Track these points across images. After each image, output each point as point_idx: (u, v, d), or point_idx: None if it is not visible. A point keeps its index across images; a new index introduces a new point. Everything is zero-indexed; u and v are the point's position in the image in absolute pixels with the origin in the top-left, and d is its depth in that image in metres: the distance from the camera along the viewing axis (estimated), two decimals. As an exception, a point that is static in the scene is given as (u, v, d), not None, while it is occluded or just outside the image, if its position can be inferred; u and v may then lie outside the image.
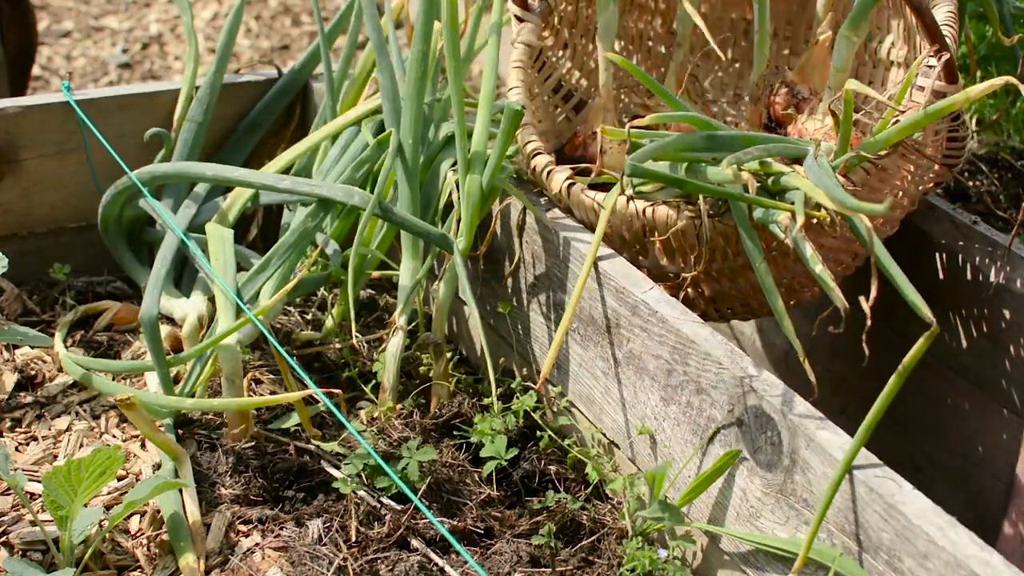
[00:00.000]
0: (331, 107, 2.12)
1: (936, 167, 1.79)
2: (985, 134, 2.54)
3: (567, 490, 1.62)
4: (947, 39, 1.59)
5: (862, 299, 1.26)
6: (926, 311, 1.25)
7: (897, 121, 1.58)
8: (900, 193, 1.73)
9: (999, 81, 1.44)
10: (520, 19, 1.94)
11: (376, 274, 1.96)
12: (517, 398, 1.71)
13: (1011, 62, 2.31)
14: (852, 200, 1.36)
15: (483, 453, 1.57)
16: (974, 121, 2.53)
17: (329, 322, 1.88)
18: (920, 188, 1.77)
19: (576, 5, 2.03)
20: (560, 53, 2.04)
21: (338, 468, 1.61)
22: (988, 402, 1.83)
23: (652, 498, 1.46)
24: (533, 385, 1.77)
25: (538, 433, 1.67)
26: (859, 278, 1.32)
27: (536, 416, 1.67)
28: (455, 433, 1.71)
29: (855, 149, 1.55)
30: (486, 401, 1.73)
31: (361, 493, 1.55)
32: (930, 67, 1.59)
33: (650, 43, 2.13)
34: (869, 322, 1.25)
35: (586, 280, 1.54)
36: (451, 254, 1.76)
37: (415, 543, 1.51)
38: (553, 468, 1.64)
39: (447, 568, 1.46)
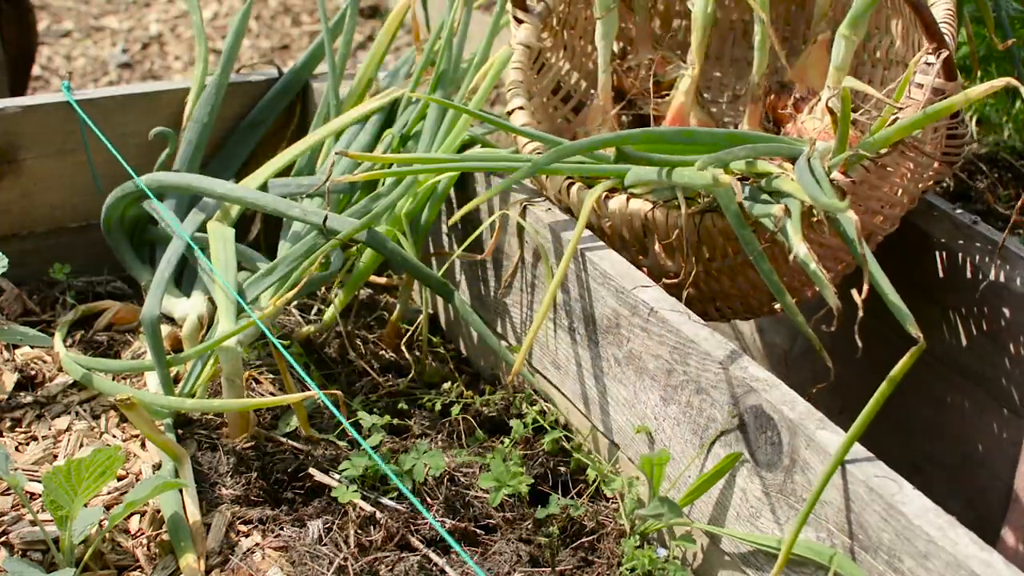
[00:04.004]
0: (334, 105, 2.12)
1: (936, 164, 1.79)
2: (985, 134, 2.54)
3: (567, 492, 1.62)
4: (946, 37, 1.60)
5: (854, 292, 1.26)
6: (914, 328, 1.25)
7: (896, 119, 1.58)
8: (900, 191, 1.73)
9: (999, 82, 1.44)
10: (519, 20, 1.94)
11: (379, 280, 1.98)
12: (523, 404, 1.72)
13: (1011, 62, 2.31)
14: (824, 198, 1.37)
15: (483, 483, 1.55)
16: (974, 121, 2.53)
17: (330, 311, 1.88)
18: (920, 186, 1.77)
19: (575, 7, 2.03)
20: (559, 54, 2.04)
21: (332, 474, 1.60)
22: (988, 401, 1.83)
23: (651, 490, 1.46)
24: (541, 400, 1.77)
25: (544, 436, 1.68)
26: (860, 276, 1.32)
27: (544, 421, 1.68)
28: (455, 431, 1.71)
29: (854, 147, 1.55)
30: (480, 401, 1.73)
31: (362, 494, 1.55)
32: (929, 64, 1.59)
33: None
34: (860, 313, 1.25)
35: (567, 266, 1.54)
36: (450, 302, 1.78)
37: (415, 543, 1.51)
38: (558, 468, 1.64)
39: (447, 568, 1.46)
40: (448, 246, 1.98)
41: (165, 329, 1.89)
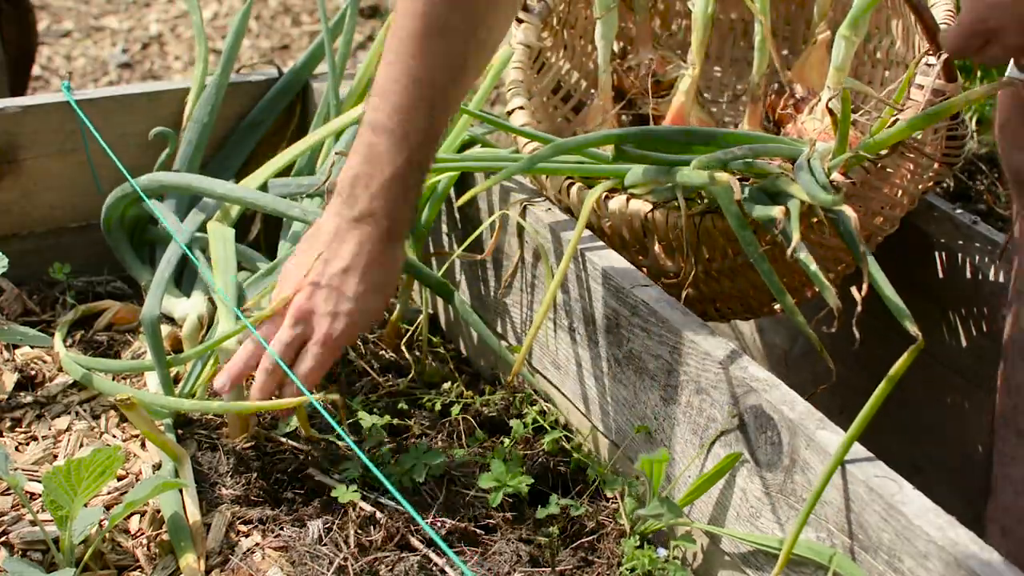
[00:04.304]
0: (334, 105, 2.12)
1: (936, 165, 1.79)
2: (985, 134, 2.54)
3: (567, 492, 1.62)
4: (946, 38, 1.60)
5: (854, 289, 1.26)
6: (912, 327, 1.25)
7: (896, 120, 1.58)
8: (900, 192, 1.73)
9: (999, 84, 1.44)
10: (519, 20, 1.94)
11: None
12: (522, 404, 1.72)
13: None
14: (822, 194, 1.37)
15: (483, 483, 1.55)
16: (974, 121, 2.53)
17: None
18: (920, 187, 1.77)
19: (575, 6, 2.03)
20: (559, 54, 2.04)
21: (332, 474, 1.60)
22: (988, 402, 1.83)
23: (651, 490, 1.46)
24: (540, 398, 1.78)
25: (544, 436, 1.68)
26: (860, 277, 1.33)
27: (544, 421, 1.68)
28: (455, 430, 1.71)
29: (854, 148, 1.55)
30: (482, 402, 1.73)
31: (362, 494, 1.55)
32: (929, 66, 1.59)
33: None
34: (859, 308, 1.25)
35: (567, 266, 1.54)
36: (449, 302, 1.77)
37: (415, 543, 1.51)
38: (558, 468, 1.64)
39: (447, 568, 1.46)
40: (448, 246, 1.98)
41: (165, 329, 1.89)
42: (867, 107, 1.82)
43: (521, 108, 1.83)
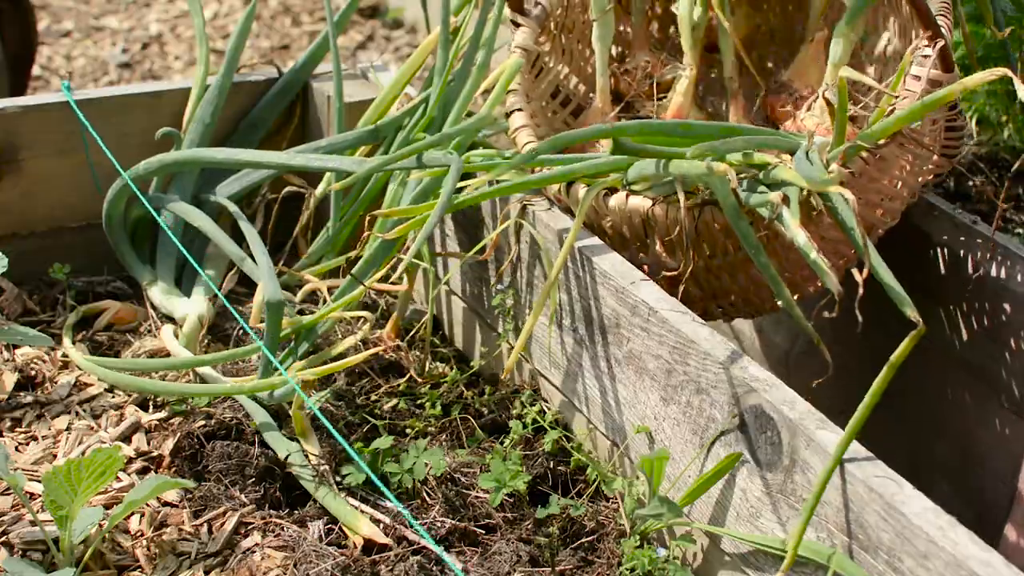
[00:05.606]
0: (338, 108, 2.11)
1: (935, 157, 1.79)
2: (985, 134, 2.54)
3: (567, 492, 1.62)
4: (941, 28, 1.59)
5: (855, 271, 1.26)
6: (912, 312, 1.25)
7: (893, 110, 1.58)
8: (899, 183, 1.73)
9: (997, 71, 1.43)
10: (517, 24, 1.94)
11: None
12: (522, 405, 1.72)
13: (1007, 62, 2.31)
14: (819, 178, 1.37)
15: (483, 483, 1.55)
16: (973, 121, 2.53)
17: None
18: (919, 179, 1.77)
19: (572, 11, 2.03)
20: (557, 58, 2.04)
21: (329, 484, 1.61)
22: (988, 402, 1.83)
23: (651, 489, 1.46)
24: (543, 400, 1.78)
25: (545, 436, 1.68)
26: (861, 269, 1.32)
27: (544, 421, 1.68)
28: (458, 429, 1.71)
29: (853, 139, 1.55)
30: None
31: (362, 495, 1.56)
32: (925, 56, 1.59)
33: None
34: (861, 291, 1.25)
35: (562, 263, 1.54)
36: None
37: (415, 543, 1.51)
38: (558, 468, 1.64)
39: (447, 568, 1.46)
40: (449, 246, 1.98)
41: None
42: (866, 99, 1.81)
43: (519, 111, 1.83)
